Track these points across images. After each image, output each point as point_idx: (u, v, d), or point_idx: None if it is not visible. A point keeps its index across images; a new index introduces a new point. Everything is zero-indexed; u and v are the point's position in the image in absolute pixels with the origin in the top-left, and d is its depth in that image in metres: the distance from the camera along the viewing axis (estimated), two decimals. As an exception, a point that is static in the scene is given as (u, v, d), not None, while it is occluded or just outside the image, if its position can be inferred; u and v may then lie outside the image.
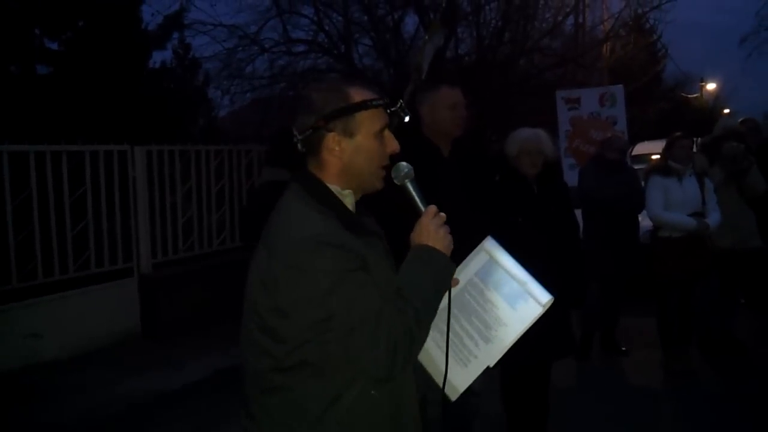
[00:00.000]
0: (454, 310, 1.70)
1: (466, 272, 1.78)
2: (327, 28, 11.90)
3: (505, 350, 1.68)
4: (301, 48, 12.02)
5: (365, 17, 11.72)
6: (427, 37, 6.44)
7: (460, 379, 1.71)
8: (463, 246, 1.92)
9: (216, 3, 11.86)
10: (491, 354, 1.68)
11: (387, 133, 1.64)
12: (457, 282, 1.75)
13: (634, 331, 5.70)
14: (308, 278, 1.44)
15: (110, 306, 5.80)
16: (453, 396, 1.71)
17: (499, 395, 3.57)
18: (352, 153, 1.59)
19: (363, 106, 1.59)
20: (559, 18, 12.14)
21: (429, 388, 3.03)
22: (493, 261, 1.76)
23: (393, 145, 1.65)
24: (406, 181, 1.68)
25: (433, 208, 1.65)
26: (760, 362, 5.10)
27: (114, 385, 4.87)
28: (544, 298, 1.66)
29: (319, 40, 11.97)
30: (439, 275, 1.60)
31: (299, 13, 11.96)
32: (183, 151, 6.62)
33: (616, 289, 5.35)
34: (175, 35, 12.68)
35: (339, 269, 1.45)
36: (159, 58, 13.21)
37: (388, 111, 1.65)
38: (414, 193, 1.68)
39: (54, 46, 11.16)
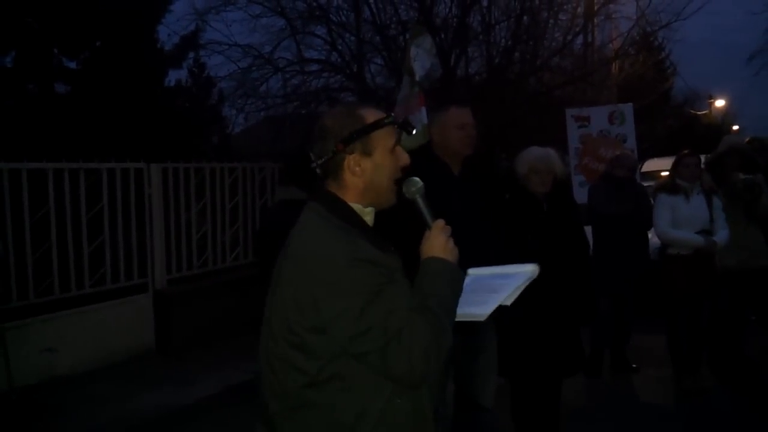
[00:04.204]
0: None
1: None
2: (340, 47, 12.08)
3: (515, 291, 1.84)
4: (314, 67, 12.20)
5: (377, 37, 11.87)
6: (409, 38, 6.46)
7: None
8: (473, 263, 1.98)
9: (231, 24, 12.06)
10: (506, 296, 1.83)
11: (398, 148, 1.73)
12: None
13: (644, 349, 5.68)
14: (347, 294, 1.51)
15: (125, 321, 5.87)
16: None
17: (510, 412, 3.60)
18: (372, 171, 1.68)
19: (377, 125, 1.67)
20: (569, 37, 12.23)
21: (440, 403, 3.08)
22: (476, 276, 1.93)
23: (404, 158, 1.74)
24: (417, 195, 1.74)
25: (441, 222, 1.73)
26: (771, 380, 5.07)
27: (128, 400, 4.92)
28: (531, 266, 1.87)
29: (332, 59, 12.14)
30: (456, 285, 1.70)
31: (312, 33, 12.17)
32: (198, 169, 6.71)
33: (627, 305, 5.37)
34: (191, 55, 12.98)
35: (374, 283, 1.53)
36: (175, 77, 13.42)
37: (397, 127, 1.73)
38: (423, 208, 1.74)
39: (72, 65, 11.38)
